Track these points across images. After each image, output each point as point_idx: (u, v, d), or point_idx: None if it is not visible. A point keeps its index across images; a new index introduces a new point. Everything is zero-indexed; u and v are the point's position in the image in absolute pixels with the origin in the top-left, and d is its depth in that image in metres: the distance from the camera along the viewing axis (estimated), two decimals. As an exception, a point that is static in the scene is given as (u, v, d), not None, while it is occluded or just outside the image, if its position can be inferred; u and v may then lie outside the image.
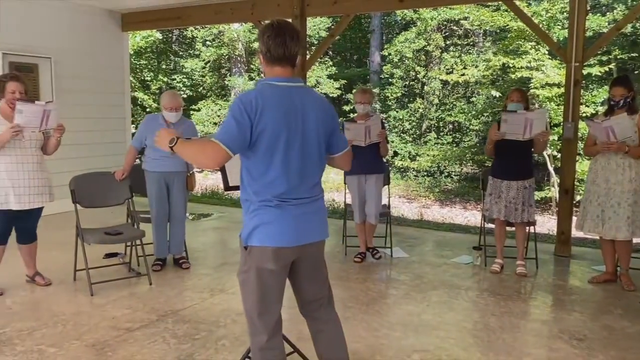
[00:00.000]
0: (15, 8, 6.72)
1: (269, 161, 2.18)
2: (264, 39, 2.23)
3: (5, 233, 4.09)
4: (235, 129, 2.13)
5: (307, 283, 2.40)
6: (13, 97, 3.89)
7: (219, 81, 18.10)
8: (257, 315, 2.27)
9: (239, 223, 7.07)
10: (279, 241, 2.18)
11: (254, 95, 2.17)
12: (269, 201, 2.19)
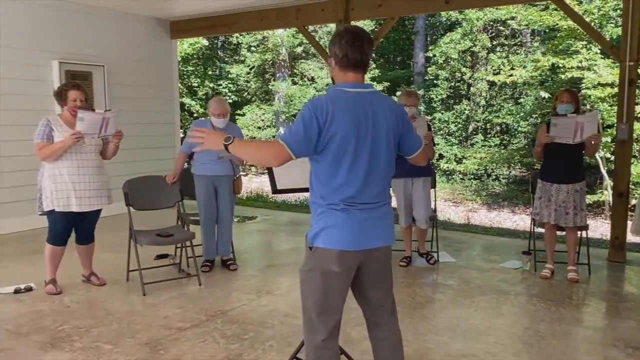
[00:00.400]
0: (70, 19, 7.03)
1: (337, 166, 2.19)
2: (341, 43, 2.22)
3: (66, 234, 4.28)
4: (302, 133, 2.15)
5: (371, 288, 2.39)
6: (74, 104, 4.09)
7: (263, 86, 18.34)
8: (317, 314, 2.29)
9: (283, 226, 7.22)
10: (343, 244, 2.20)
11: (325, 100, 2.18)
12: (336, 205, 2.21)
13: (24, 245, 5.87)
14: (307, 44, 17.02)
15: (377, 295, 2.42)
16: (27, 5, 6.53)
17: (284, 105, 17.12)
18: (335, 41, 2.25)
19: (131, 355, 3.23)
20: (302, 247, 5.91)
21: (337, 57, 2.25)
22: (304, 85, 17.38)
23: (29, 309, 3.98)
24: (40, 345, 3.35)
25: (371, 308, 2.44)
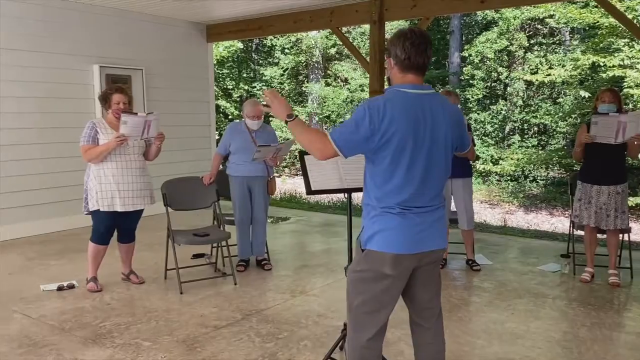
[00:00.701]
0: (111, 24, 7.23)
1: (393, 168, 2.17)
2: (404, 45, 2.19)
3: (109, 233, 4.40)
4: (352, 132, 2.14)
5: (421, 290, 2.38)
6: (118, 107, 4.22)
7: (297, 88, 18.45)
8: (366, 314, 2.30)
9: (316, 227, 7.24)
10: (399, 248, 2.18)
11: (383, 101, 2.15)
12: (391, 208, 2.19)
13: (67, 244, 6.06)
14: (340, 45, 17.04)
15: (426, 297, 2.40)
16: (69, 11, 6.74)
17: (317, 106, 17.18)
18: (398, 42, 2.21)
19: (169, 352, 3.30)
20: (335, 249, 5.97)
21: (398, 58, 2.22)
22: (337, 87, 17.41)
23: (71, 306, 4.11)
24: (83, 341, 3.46)
25: (418, 310, 2.43)
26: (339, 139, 2.16)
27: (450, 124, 2.26)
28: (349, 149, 2.17)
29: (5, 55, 6.19)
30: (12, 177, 6.31)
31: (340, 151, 2.17)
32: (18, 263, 5.34)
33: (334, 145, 2.16)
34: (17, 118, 6.32)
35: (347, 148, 2.17)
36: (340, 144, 2.16)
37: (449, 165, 2.32)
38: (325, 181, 2.81)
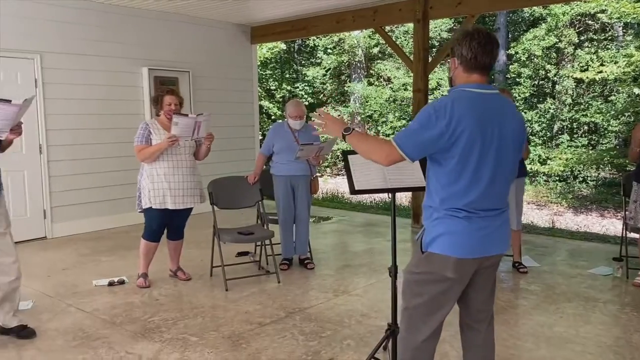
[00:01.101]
0: (158, 28, 7.43)
1: (460, 170, 2.12)
2: (471, 45, 2.15)
3: (160, 231, 4.54)
4: (417, 135, 2.11)
5: (476, 293, 2.35)
6: (170, 109, 4.36)
7: (339, 87, 18.46)
8: (422, 315, 2.29)
9: (358, 227, 7.24)
10: (463, 252, 2.15)
11: (448, 102, 2.11)
12: (456, 211, 2.15)
13: (117, 241, 6.27)
14: (383, 45, 16.95)
15: (480, 299, 2.37)
16: (119, 16, 6.97)
17: (360, 106, 17.15)
18: (464, 42, 2.17)
19: (215, 348, 3.37)
20: (378, 249, 5.94)
21: (463, 57, 2.18)
22: (380, 86, 17.33)
23: (121, 301, 4.25)
24: (132, 335, 3.58)
25: (471, 312, 2.40)
26: (404, 143, 2.14)
27: (518, 125, 2.23)
28: (415, 152, 2.14)
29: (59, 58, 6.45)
30: (65, 176, 6.57)
31: (406, 155, 2.14)
32: (72, 259, 5.56)
33: (399, 150, 2.13)
34: (70, 119, 6.58)
35: (413, 152, 2.14)
36: (406, 147, 2.13)
37: (517, 166, 2.28)
38: (369, 181, 2.81)
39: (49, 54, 6.36)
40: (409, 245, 6.08)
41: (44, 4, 6.26)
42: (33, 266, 5.13)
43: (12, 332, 3.53)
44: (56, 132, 6.46)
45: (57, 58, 6.43)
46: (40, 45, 6.27)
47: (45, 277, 4.88)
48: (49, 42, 6.35)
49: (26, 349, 3.37)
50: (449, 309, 2.30)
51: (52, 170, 6.46)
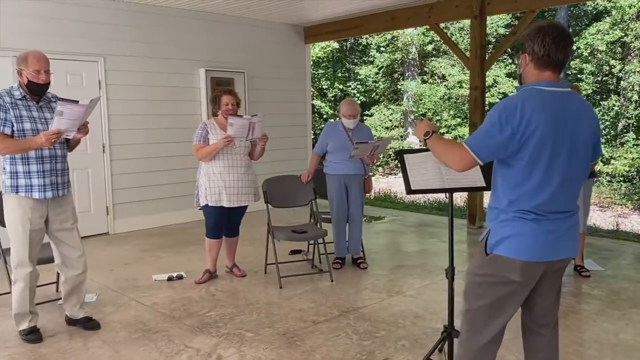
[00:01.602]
0: (215, 29, 7.59)
1: (530, 170, 2.07)
2: (544, 41, 2.08)
3: (218, 228, 4.65)
4: (490, 137, 2.08)
5: (542, 297, 2.29)
6: (227, 108, 4.47)
7: (392, 86, 18.31)
8: (484, 318, 2.25)
9: (411, 227, 7.16)
10: (530, 256, 2.10)
11: (519, 101, 2.06)
12: (525, 212, 2.10)
13: (176, 237, 6.47)
14: (437, 42, 16.69)
15: (546, 303, 2.30)
16: (177, 18, 7.17)
17: (413, 104, 16.94)
18: (537, 37, 2.10)
19: (270, 344, 3.42)
20: (432, 250, 5.87)
21: (535, 54, 2.11)
22: (434, 84, 17.07)
23: (180, 295, 4.38)
24: (191, 329, 3.68)
25: (535, 317, 2.33)
26: (476, 146, 2.10)
27: (592, 125, 2.15)
28: (486, 154, 2.11)
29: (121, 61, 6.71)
30: (127, 174, 6.83)
31: (479, 158, 2.10)
32: (133, 254, 5.77)
33: (472, 153, 2.10)
34: (131, 119, 6.83)
35: (484, 154, 2.10)
36: (479, 151, 2.09)
37: (588, 167, 2.20)
38: (426, 181, 2.78)
39: (112, 56, 6.62)
40: (465, 246, 5.96)
41: (107, 8, 6.52)
42: (97, 261, 5.36)
43: (79, 324, 3.71)
44: (118, 132, 6.72)
45: (119, 60, 6.69)
46: (103, 48, 6.54)
47: (108, 272, 5.09)
48: (112, 45, 6.61)
49: (91, 340, 3.53)
50: (512, 313, 2.24)
51: (115, 169, 6.73)
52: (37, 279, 3.57)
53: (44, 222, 3.48)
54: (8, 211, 3.43)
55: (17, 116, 3.32)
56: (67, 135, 3.34)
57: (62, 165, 3.54)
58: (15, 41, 5.74)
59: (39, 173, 3.38)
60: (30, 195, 3.37)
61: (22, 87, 3.39)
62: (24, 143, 3.28)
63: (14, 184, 3.37)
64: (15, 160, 3.35)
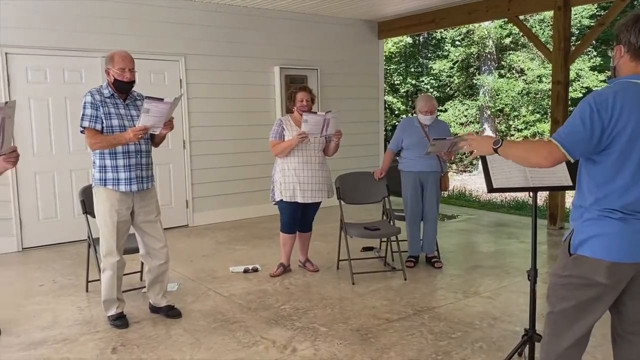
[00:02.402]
0: (290, 27, 7.70)
1: (619, 167, 1.98)
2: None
3: (292, 223, 4.73)
4: (579, 131, 1.97)
5: (633, 301, 2.15)
6: (302, 105, 4.53)
7: (467, 80, 17.83)
8: (567, 321, 2.16)
9: (487, 227, 6.96)
10: (617, 256, 2.00)
11: (610, 94, 1.96)
12: (611, 211, 2.01)
13: (251, 231, 6.64)
14: (516, 34, 16.06)
15: (637, 308, 2.16)
16: (253, 18, 7.33)
17: (490, 99, 16.42)
18: (634, 27, 1.98)
19: (344, 339, 3.44)
20: (509, 250, 5.68)
21: (631, 45, 1.99)
22: (512, 78, 16.46)
23: (255, 288, 4.49)
24: (266, 321, 3.76)
25: (626, 323, 2.19)
26: (566, 141, 2.00)
27: None
28: (577, 150, 2.01)
29: (200, 60, 6.95)
30: (204, 169, 7.08)
31: (569, 154, 2.00)
32: (210, 246, 5.98)
33: (561, 149, 2.00)
34: (210, 116, 7.06)
35: (575, 150, 2.00)
36: (569, 146, 1.99)
37: None
38: (508, 179, 2.68)
39: (192, 55, 6.87)
40: (545, 248, 5.72)
41: (186, 9, 6.77)
42: (177, 252, 5.60)
43: (162, 311, 3.89)
44: (198, 128, 6.97)
45: (198, 59, 6.93)
46: (184, 48, 6.80)
47: (188, 262, 5.30)
48: (192, 44, 6.86)
49: (174, 327, 3.69)
50: (598, 317, 2.12)
51: (194, 164, 6.99)
52: (124, 268, 3.77)
53: (130, 214, 3.67)
54: (97, 203, 3.65)
55: (106, 113, 3.52)
56: (154, 131, 3.50)
57: (147, 160, 3.72)
58: (103, 43, 6.09)
59: (126, 167, 3.57)
60: (117, 188, 3.57)
61: (109, 86, 3.59)
62: (113, 138, 3.48)
63: (102, 177, 3.58)
64: (103, 154, 3.55)
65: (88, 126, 3.48)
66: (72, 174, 6.17)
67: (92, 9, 6.13)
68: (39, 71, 5.94)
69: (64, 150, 6.13)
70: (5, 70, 5.70)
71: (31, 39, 5.80)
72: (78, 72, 6.16)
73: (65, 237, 6.11)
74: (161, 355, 3.27)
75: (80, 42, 6.07)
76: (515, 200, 9.64)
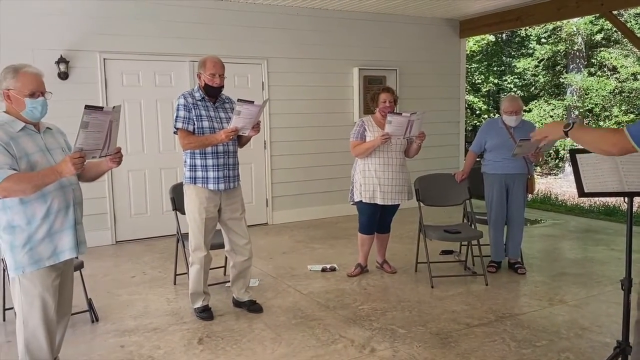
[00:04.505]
0: (369, 28, 7.70)
1: None
2: None
3: (371, 224, 4.73)
4: None
5: None
6: (385, 106, 4.53)
7: (553, 79, 17.02)
8: None
9: (575, 232, 6.64)
10: None
11: None
12: None
13: (328, 231, 6.72)
14: (608, 30, 15.15)
15: None
16: (331, 19, 7.40)
17: (578, 99, 15.59)
18: None
19: (423, 342, 3.41)
20: (598, 258, 5.42)
21: None
22: (603, 77, 15.53)
23: (333, 287, 4.55)
24: (344, 320, 3.81)
25: None
26: (634, 130, 1.94)
27: None
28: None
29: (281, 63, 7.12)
30: (284, 169, 7.24)
31: (637, 145, 1.94)
32: (289, 244, 6.11)
33: (630, 139, 1.94)
34: (290, 118, 7.21)
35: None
36: (636, 135, 1.93)
37: None
38: (601, 183, 2.55)
39: (273, 58, 7.05)
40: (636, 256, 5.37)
41: (269, 13, 6.95)
42: (258, 249, 5.75)
43: (244, 306, 4.03)
44: (278, 129, 7.15)
45: (279, 62, 7.10)
46: (266, 52, 6.99)
47: (268, 259, 5.45)
48: (274, 48, 7.03)
49: (255, 322, 3.81)
50: None
51: (274, 164, 7.17)
52: (210, 263, 3.95)
53: (217, 212, 3.84)
54: (187, 200, 3.84)
55: (198, 115, 3.70)
56: (243, 132, 3.64)
57: (234, 160, 3.87)
58: (190, 47, 6.40)
59: (214, 167, 3.73)
60: (206, 187, 3.74)
61: (200, 89, 3.77)
62: (206, 139, 3.65)
63: (192, 175, 3.76)
64: (194, 154, 3.73)
65: (181, 127, 3.67)
66: (162, 172, 6.52)
67: (181, 16, 6.44)
68: (133, 75, 6.33)
69: (154, 149, 6.49)
70: (103, 75, 6.12)
71: (125, 44, 6.19)
72: (168, 76, 6.50)
73: (154, 232, 6.46)
74: (244, 348, 3.39)
75: (169, 47, 6.40)
76: (606, 205, 9.10)
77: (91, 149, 2.44)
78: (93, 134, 2.40)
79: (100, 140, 2.47)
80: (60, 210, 2.56)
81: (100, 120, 2.40)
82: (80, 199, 2.71)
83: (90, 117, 2.34)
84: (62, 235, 2.58)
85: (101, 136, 2.46)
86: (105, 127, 2.45)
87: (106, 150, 2.55)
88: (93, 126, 2.38)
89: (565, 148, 15.44)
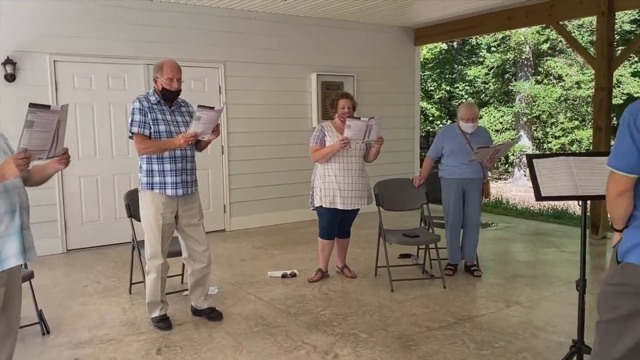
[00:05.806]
0: (327, 35, 7.74)
1: None
2: None
3: (331, 229, 4.73)
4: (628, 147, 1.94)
5: None
6: (344, 112, 4.54)
7: (503, 87, 17.58)
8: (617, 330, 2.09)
9: (526, 235, 6.85)
10: None
11: None
12: None
13: (287, 236, 6.68)
14: (554, 40, 15.78)
15: None
16: (290, 25, 7.40)
17: (526, 106, 16.15)
18: None
19: (385, 346, 3.43)
20: (549, 260, 5.58)
21: None
22: (549, 85, 16.16)
23: (294, 293, 4.52)
24: (306, 326, 3.78)
25: None
26: (619, 164, 1.97)
27: None
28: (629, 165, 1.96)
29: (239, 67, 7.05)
30: (242, 174, 7.17)
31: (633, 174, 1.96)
32: (248, 251, 6.04)
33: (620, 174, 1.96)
34: (247, 122, 7.15)
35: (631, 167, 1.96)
36: (626, 167, 1.95)
37: None
38: (557, 187, 2.64)
39: (230, 62, 6.98)
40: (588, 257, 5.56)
41: (227, 17, 6.88)
42: (216, 256, 5.65)
43: (203, 314, 3.95)
44: (236, 134, 7.08)
45: (237, 66, 7.03)
46: (224, 56, 6.91)
47: (227, 266, 5.37)
48: (231, 52, 6.97)
49: (216, 330, 3.74)
50: None
51: (232, 169, 7.09)
52: (168, 271, 3.85)
53: (174, 218, 3.75)
54: (143, 207, 3.73)
55: (154, 119, 3.61)
56: (202, 137, 3.57)
57: (192, 165, 3.80)
58: (146, 51, 6.26)
59: (172, 172, 3.65)
60: (164, 192, 3.65)
61: (156, 93, 3.68)
62: (163, 144, 3.56)
63: (149, 181, 3.66)
64: (151, 159, 3.64)
65: (137, 132, 3.57)
66: (115, 178, 6.33)
67: (136, 18, 6.29)
68: (85, 78, 6.13)
69: (107, 154, 6.30)
70: (53, 77, 5.90)
71: (77, 46, 5.99)
72: (121, 79, 6.33)
73: (107, 240, 6.26)
74: (205, 357, 3.32)
75: (123, 50, 6.24)
76: (554, 208, 9.44)
77: (37, 150, 2.31)
78: (39, 134, 2.27)
79: (47, 141, 2.34)
80: (5, 214, 2.41)
81: (47, 119, 2.27)
82: (27, 203, 2.57)
83: (36, 116, 2.21)
84: (7, 241, 2.43)
85: (48, 136, 2.32)
86: (53, 127, 2.33)
87: (53, 151, 2.42)
88: (39, 125, 2.25)
89: (514, 153, 15.97)
